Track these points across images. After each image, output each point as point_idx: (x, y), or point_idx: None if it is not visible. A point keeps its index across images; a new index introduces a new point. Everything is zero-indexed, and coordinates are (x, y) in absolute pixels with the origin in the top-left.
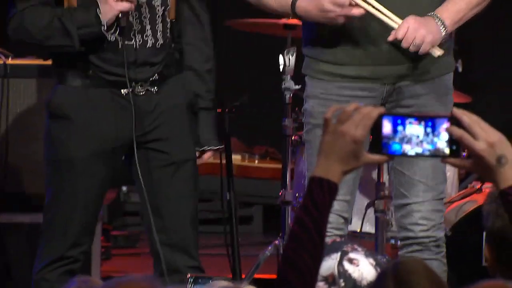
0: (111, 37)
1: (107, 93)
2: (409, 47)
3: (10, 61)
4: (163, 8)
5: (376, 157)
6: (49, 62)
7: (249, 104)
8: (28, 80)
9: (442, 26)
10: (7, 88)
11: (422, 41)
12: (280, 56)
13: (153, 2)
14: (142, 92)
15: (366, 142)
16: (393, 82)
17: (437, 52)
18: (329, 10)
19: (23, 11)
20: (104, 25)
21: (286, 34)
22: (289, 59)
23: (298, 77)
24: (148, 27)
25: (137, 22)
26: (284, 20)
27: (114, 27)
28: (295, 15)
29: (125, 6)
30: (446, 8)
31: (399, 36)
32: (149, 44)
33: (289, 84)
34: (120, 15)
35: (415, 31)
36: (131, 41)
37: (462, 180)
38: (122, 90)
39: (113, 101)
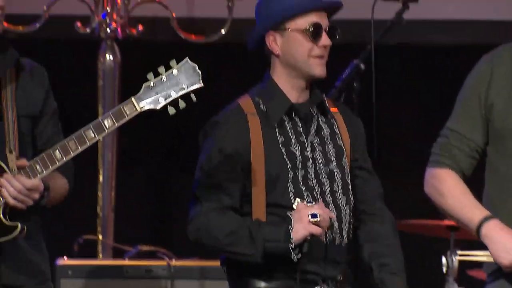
0: (293, 257)
1: None
2: None
3: (174, 262)
4: (348, 207)
5: None
6: (212, 263)
7: None
8: (192, 282)
9: None
10: None
11: None
12: (443, 258)
13: (337, 201)
14: None
15: None
16: None
17: None
18: None
19: (208, 213)
20: (292, 243)
21: (449, 236)
22: (452, 261)
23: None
24: (336, 224)
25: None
26: (447, 222)
27: (298, 248)
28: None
29: (318, 230)
30: None
31: None
32: (337, 241)
33: (453, 286)
34: (308, 237)
35: None
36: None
37: None
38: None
39: None
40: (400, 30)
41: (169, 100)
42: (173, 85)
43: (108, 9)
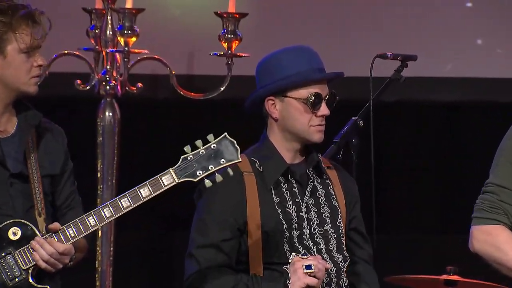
0: None
1: None
2: None
3: None
4: (346, 264)
5: None
6: None
7: None
8: None
9: None
10: None
11: None
12: None
13: (334, 258)
14: None
15: None
16: None
17: None
18: None
19: (205, 271)
20: None
21: None
22: None
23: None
24: (334, 275)
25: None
26: (444, 276)
27: None
28: None
29: (313, 281)
30: None
31: None
32: None
33: None
34: None
35: None
36: None
37: None
38: None
39: None
40: (399, 87)
41: (208, 173)
42: (211, 158)
43: (108, 67)
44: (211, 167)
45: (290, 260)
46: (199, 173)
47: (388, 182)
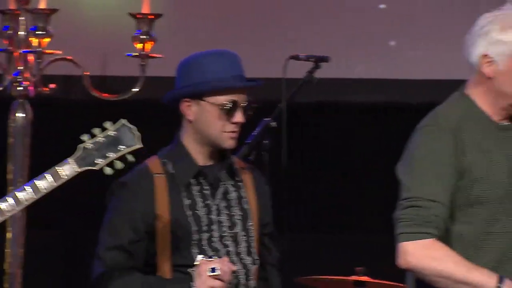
0: None
1: None
2: None
3: None
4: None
5: None
6: None
7: None
8: None
9: None
10: None
11: None
12: None
13: (243, 261)
14: None
15: None
16: None
17: None
18: None
19: (111, 272)
20: None
21: None
22: None
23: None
24: (243, 277)
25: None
26: (354, 277)
27: None
28: None
29: (217, 284)
30: None
31: None
32: None
33: None
34: None
35: None
36: None
37: None
38: None
39: None
40: (312, 88)
41: (108, 161)
42: (110, 146)
43: (20, 68)
44: (111, 155)
45: (195, 263)
46: (99, 161)
47: (300, 182)
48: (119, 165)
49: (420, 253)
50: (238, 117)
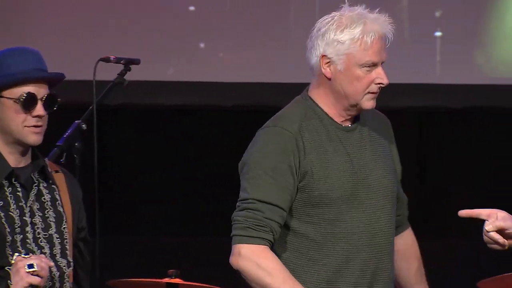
0: None
1: None
2: None
3: None
4: (69, 269)
5: None
6: None
7: None
8: None
9: None
10: None
11: None
12: None
13: (58, 263)
14: None
15: None
16: None
17: None
18: None
19: None
20: None
21: None
22: None
23: None
24: (57, 284)
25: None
26: (166, 279)
27: None
28: None
29: (36, 280)
30: None
31: None
32: None
33: None
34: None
35: None
36: None
37: None
38: None
39: None
40: (122, 90)
41: None
42: None
43: None
44: None
45: (12, 261)
46: None
47: (113, 184)
48: None
49: (249, 257)
50: (39, 110)
